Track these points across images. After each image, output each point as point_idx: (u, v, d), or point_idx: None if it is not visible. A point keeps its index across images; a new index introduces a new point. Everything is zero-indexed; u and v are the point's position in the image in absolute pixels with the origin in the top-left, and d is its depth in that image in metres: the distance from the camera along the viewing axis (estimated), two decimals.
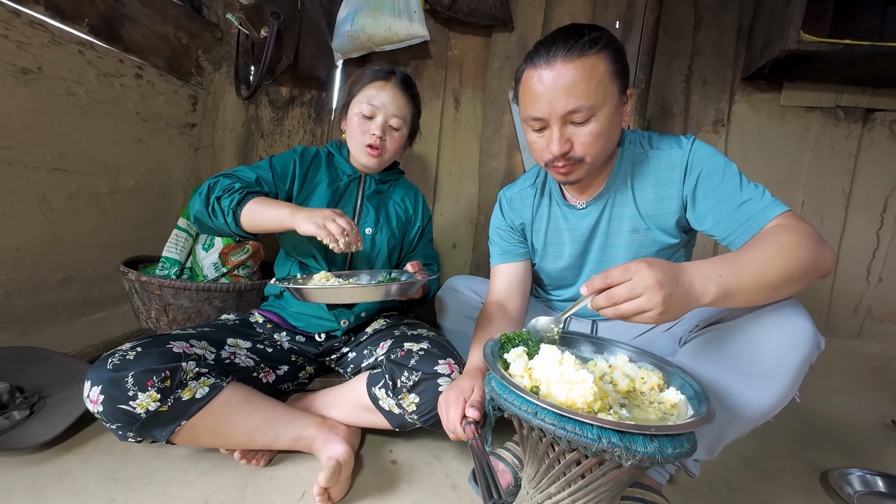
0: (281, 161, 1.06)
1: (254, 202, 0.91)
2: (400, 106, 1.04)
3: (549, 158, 0.78)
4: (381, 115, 1.03)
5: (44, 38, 1.16)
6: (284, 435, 0.85)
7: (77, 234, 1.33)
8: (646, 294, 0.55)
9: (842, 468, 0.99)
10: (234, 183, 0.94)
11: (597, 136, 0.75)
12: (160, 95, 1.54)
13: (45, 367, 1.03)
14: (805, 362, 0.67)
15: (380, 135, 1.02)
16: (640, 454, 0.46)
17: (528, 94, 0.76)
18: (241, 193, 0.91)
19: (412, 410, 0.82)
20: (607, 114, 0.74)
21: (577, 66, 0.71)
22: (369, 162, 1.05)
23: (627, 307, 0.56)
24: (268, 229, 0.91)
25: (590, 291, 0.59)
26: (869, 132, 1.63)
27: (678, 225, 0.85)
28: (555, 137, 0.75)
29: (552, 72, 0.72)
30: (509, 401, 0.54)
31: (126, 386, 0.71)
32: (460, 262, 1.85)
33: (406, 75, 1.08)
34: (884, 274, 1.66)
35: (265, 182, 1.00)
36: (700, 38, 1.67)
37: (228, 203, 0.90)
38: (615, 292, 0.56)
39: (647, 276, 0.55)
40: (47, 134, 1.21)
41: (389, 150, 1.06)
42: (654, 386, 0.61)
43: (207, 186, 0.94)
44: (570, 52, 0.71)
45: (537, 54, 0.74)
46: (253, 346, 0.93)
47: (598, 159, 0.79)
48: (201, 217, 0.95)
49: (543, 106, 0.74)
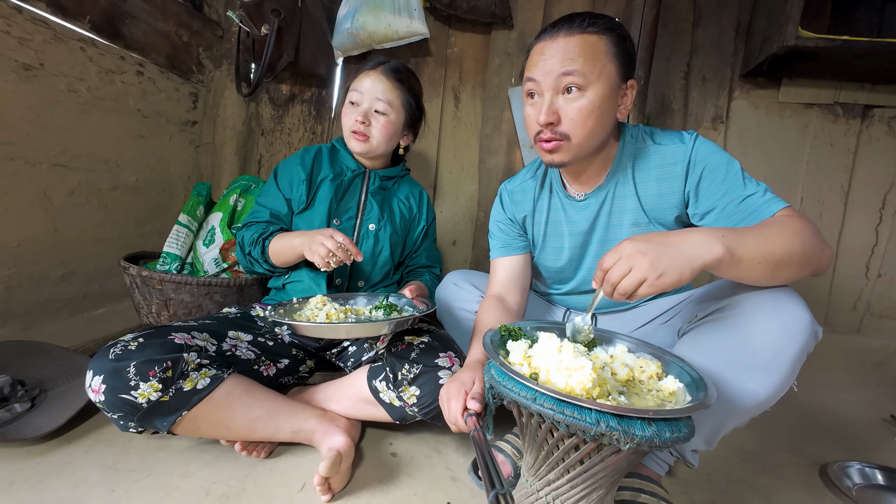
0: (286, 174, 1.09)
1: (272, 245, 1.01)
2: (385, 90, 1.05)
3: (537, 130, 0.79)
4: (365, 101, 1.05)
5: (45, 35, 1.17)
6: (285, 427, 0.85)
7: (78, 230, 1.34)
8: (634, 265, 0.58)
9: (841, 461, 1.00)
10: (253, 234, 1.03)
11: (586, 113, 0.75)
12: (161, 92, 1.55)
13: (46, 360, 1.04)
14: (803, 351, 0.67)
15: (361, 119, 1.04)
16: (637, 437, 0.46)
17: (530, 61, 0.79)
18: (260, 242, 1.02)
19: (413, 403, 0.82)
20: (600, 92, 0.75)
21: (578, 40, 0.74)
22: (356, 146, 1.07)
23: (625, 284, 0.59)
24: (294, 260, 1.01)
25: (596, 283, 0.63)
26: (867, 128, 1.64)
27: (678, 220, 0.85)
28: (544, 105, 0.76)
29: (555, 42, 0.75)
30: (508, 387, 0.54)
31: (128, 375, 0.71)
32: (460, 259, 1.86)
33: (398, 65, 1.09)
34: (883, 270, 1.66)
35: (278, 213, 1.07)
36: (699, 34, 1.68)
37: (257, 254, 1.02)
38: (611, 275, 0.60)
39: (628, 248, 0.59)
40: (49, 130, 1.21)
41: (377, 136, 1.06)
42: (652, 374, 0.61)
43: (238, 246, 1.07)
44: (573, 28, 0.75)
45: (544, 32, 0.78)
46: (254, 339, 0.93)
47: (586, 142, 0.78)
48: (249, 270, 1.10)
49: (538, 69, 0.76)
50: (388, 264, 1.14)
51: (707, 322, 0.76)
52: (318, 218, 1.06)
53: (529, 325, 0.75)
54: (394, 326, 0.83)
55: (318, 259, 0.89)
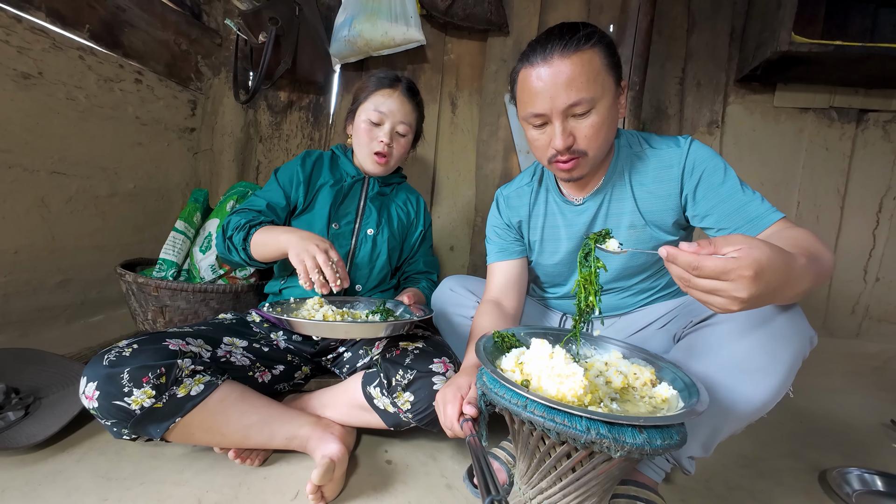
0: (286, 172, 1.10)
1: (257, 235, 0.95)
2: (407, 112, 1.08)
3: (553, 154, 0.78)
4: (388, 121, 1.06)
5: (44, 44, 1.18)
6: (279, 434, 0.85)
7: (76, 237, 1.34)
8: (727, 300, 0.48)
9: (840, 467, 0.99)
10: (241, 219, 0.99)
11: (598, 128, 0.75)
12: (160, 100, 1.56)
13: (41, 368, 1.03)
14: (798, 356, 0.68)
15: (388, 141, 1.06)
16: (628, 445, 0.46)
17: (527, 91, 0.76)
18: (246, 228, 0.97)
19: (407, 409, 0.82)
20: (606, 105, 0.75)
21: (575, 61, 0.72)
22: (376, 170, 1.10)
23: (697, 295, 0.49)
24: (275, 257, 0.96)
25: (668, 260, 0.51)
26: (863, 132, 1.64)
27: (675, 224, 0.86)
28: (557, 131, 0.75)
29: (550, 68, 0.73)
30: (499, 394, 0.54)
31: (121, 382, 0.71)
32: (458, 265, 1.86)
33: (411, 82, 1.11)
34: (881, 273, 1.66)
35: (275, 205, 1.05)
36: (693, 40, 1.69)
37: (239, 241, 0.96)
38: (693, 281, 0.49)
39: (743, 290, 0.46)
40: (47, 138, 1.22)
41: (396, 156, 1.10)
42: (646, 381, 0.61)
43: (222, 228, 1.01)
44: (566, 48, 0.72)
45: (533, 52, 0.75)
46: (249, 345, 0.93)
47: (600, 152, 0.79)
48: (224, 256, 1.02)
49: (544, 102, 0.74)
50: (385, 269, 1.14)
51: (703, 327, 0.77)
52: (317, 222, 1.07)
53: (523, 332, 0.75)
54: (392, 329, 0.82)
55: (300, 267, 0.83)
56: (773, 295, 0.50)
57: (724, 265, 0.47)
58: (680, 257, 0.49)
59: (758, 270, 0.46)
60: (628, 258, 0.89)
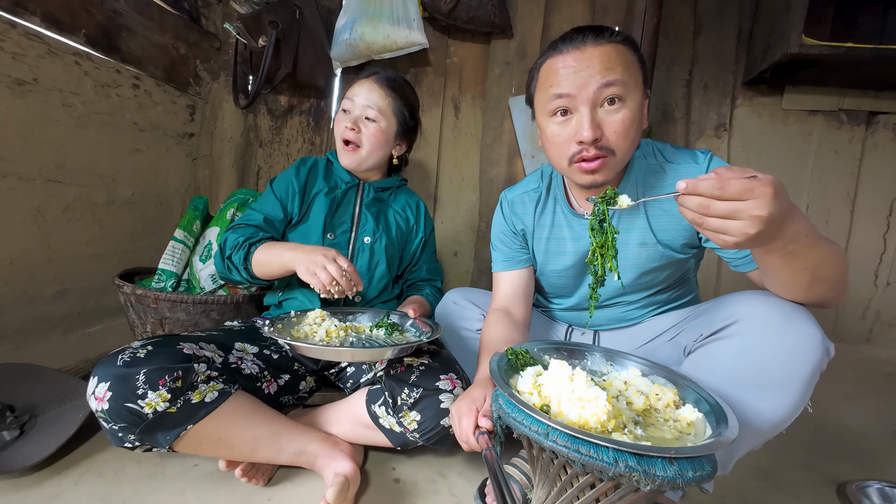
0: (281, 183, 1.07)
1: (258, 253, 0.94)
2: (376, 98, 1.04)
3: (576, 151, 0.72)
4: (356, 108, 1.04)
5: (40, 50, 1.15)
6: (288, 448, 0.82)
7: (73, 246, 1.31)
8: (745, 222, 0.49)
9: (859, 480, 0.96)
10: (239, 237, 0.96)
11: (629, 124, 0.70)
12: (158, 105, 1.53)
13: (37, 383, 1.00)
14: (815, 370, 0.65)
15: (351, 126, 1.02)
16: (659, 479, 0.44)
17: (553, 75, 0.71)
18: (245, 247, 0.94)
19: (413, 429, 0.79)
20: (637, 101, 0.71)
21: (609, 49, 0.69)
22: (346, 159, 1.06)
23: (713, 223, 0.50)
24: (279, 274, 0.94)
25: (689, 192, 0.51)
26: (872, 135, 1.62)
27: (685, 245, 0.83)
28: (585, 119, 0.69)
29: (583, 53, 0.69)
30: (518, 420, 0.51)
31: (136, 383, 0.68)
32: (462, 271, 1.83)
33: (392, 75, 1.08)
34: (891, 278, 1.64)
35: (272, 219, 1.02)
36: (700, 43, 1.66)
37: (238, 260, 0.94)
38: (713, 206, 0.49)
39: (764, 207, 0.48)
40: (43, 145, 1.19)
41: (367, 145, 1.04)
42: (669, 403, 0.59)
43: (219, 247, 0.98)
44: (599, 38, 0.69)
45: (562, 42, 0.71)
46: (259, 352, 0.90)
47: (627, 155, 0.74)
48: (223, 276, 1.00)
49: (573, 82, 0.69)
50: (385, 278, 1.11)
51: (715, 341, 0.74)
52: (313, 233, 1.04)
53: (537, 347, 0.73)
54: (398, 351, 0.80)
55: (316, 283, 0.84)
56: (782, 225, 0.51)
57: (748, 183, 0.49)
58: (702, 183, 0.50)
59: (777, 188, 0.49)
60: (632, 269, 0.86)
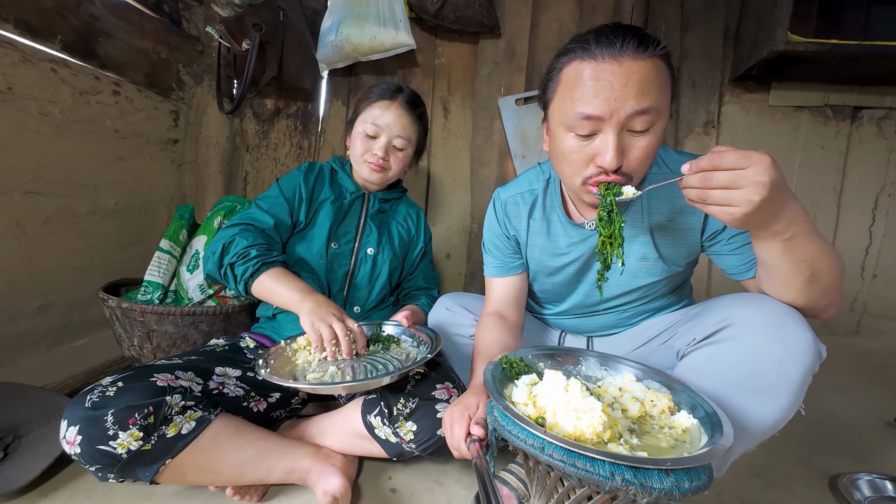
0: (290, 185, 1.04)
1: (267, 276, 0.87)
2: (405, 126, 1.03)
3: (592, 174, 0.67)
4: (384, 135, 1.02)
5: (14, 57, 1.11)
6: (277, 468, 0.81)
7: (55, 259, 1.28)
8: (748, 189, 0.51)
9: (850, 473, 0.97)
10: (249, 249, 0.89)
11: (651, 151, 0.66)
12: (139, 112, 1.50)
13: (20, 402, 0.97)
14: (808, 373, 0.66)
15: (382, 155, 1.02)
16: (656, 491, 0.43)
17: (583, 87, 0.64)
18: (256, 265, 0.87)
19: (410, 439, 0.78)
20: (664, 124, 0.66)
21: (650, 66, 0.62)
22: (371, 176, 1.04)
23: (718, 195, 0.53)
24: (277, 305, 0.91)
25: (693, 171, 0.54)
26: (857, 130, 1.64)
27: (688, 257, 0.84)
28: (611, 145, 0.63)
29: (620, 66, 0.61)
30: (514, 433, 0.51)
31: (106, 424, 0.66)
32: (455, 272, 1.82)
33: (413, 94, 1.06)
34: (878, 270, 1.66)
35: (282, 224, 0.99)
36: (688, 40, 1.67)
37: (242, 272, 0.87)
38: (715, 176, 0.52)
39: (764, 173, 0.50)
40: (20, 156, 1.15)
41: (394, 168, 1.05)
42: (664, 409, 0.58)
43: (222, 246, 0.90)
44: (640, 49, 0.61)
45: (597, 45, 0.63)
46: (243, 375, 0.88)
47: (640, 179, 0.71)
48: (214, 277, 0.93)
49: (607, 103, 0.62)
50: (385, 289, 1.10)
51: (708, 345, 0.73)
52: (317, 241, 1.03)
53: (531, 354, 0.72)
54: (397, 377, 0.76)
55: (315, 338, 0.78)
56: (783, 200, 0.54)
57: (744, 152, 0.52)
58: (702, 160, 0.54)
59: (773, 159, 0.52)
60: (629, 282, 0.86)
